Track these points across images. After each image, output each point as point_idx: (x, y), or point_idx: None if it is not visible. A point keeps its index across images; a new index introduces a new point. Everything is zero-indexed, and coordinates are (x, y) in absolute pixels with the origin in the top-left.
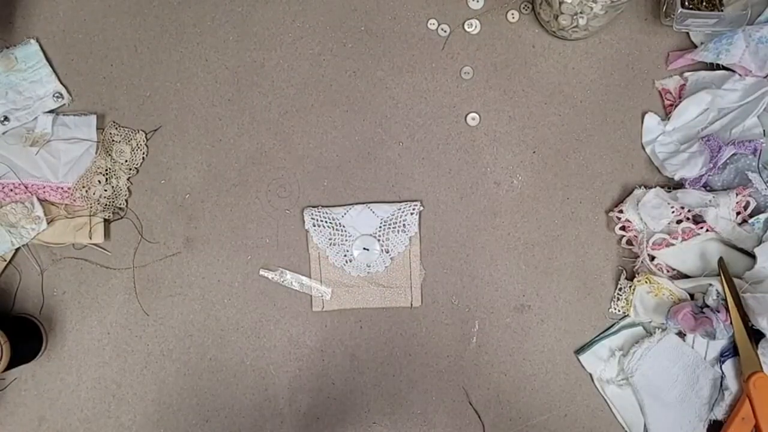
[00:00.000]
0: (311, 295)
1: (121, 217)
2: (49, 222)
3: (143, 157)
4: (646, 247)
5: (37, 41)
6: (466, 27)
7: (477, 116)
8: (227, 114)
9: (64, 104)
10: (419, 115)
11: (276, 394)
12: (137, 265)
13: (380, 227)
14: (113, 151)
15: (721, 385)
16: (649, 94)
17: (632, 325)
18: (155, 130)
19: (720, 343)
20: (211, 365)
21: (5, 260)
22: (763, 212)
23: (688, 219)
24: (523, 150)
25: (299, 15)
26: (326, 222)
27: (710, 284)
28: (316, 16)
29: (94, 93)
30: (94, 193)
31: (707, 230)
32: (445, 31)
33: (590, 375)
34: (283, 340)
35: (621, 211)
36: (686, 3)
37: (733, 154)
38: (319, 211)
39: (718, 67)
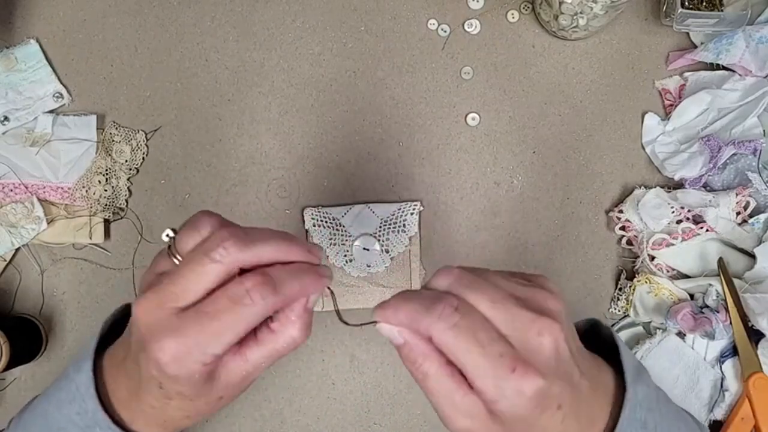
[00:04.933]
0: None
1: (121, 217)
2: (49, 222)
3: (143, 157)
4: (646, 247)
5: (37, 41)
6: (466, 27)
7: (477, 116)
8: (227, 114)
9: (64, 104)
10: (419, 115)
11: (276, 394)
12: (137, 266)
13: (380, 227)
14: (113, 151)
15: (722, 387)
16: (649, 94)
17: (632, 325)
18: (155, 130)
19: (720, 344)
20: None
21: (5, 260)
22: (763, 212)
23: (688, 219)
24: (523, 150)
25: (299, 15)
26: (326, 222)
27: (710, 284)
28: (316, 16)
29: (94, 93)
30: (94, 193)
31: (707, 230)
32: (445, 31)
33: None
34: None
35: (621, 211)
36: (686, 3)
37: (733, 154)
38: (319, 211)
39: (718, 67)
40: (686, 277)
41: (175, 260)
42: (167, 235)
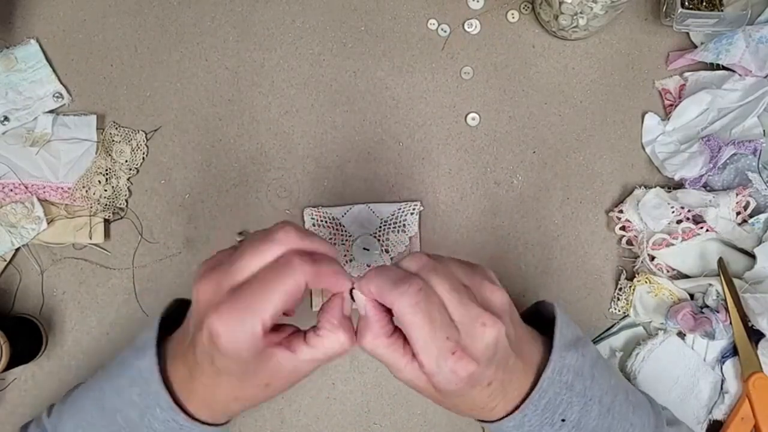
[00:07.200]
0: (311, 295)
1: (121, 217)
2: (49, 222)
3: (143, 157)
4: (646, 247)
5: (37, 41)
6: (466, 27)
7: (477, 116)
8: (227, 114)
9: (64, 104)
10: (419, 115)
11: None
12: (137, 265)
13: (380, 227)
14: (113, 151)
15: (722, 388)
16: (649, 94)
17: (632, 325)
18: (155, 130)
19: (720, 344)
20: None
21: (5, 260)
22: (763, 212)
23: (688, 219)
24: (523, 150)
25: (299, 15)
26: (326, 222)
27: (710, 284)
28: (316, 16)
29: (94, 93)
30: (94, 193)
31: (707, 230)
32: (445, 31)
33: None
34: None
35: (621, 211)
36: (686, 3)
37: (733, 154)
38: (319, 211)
39: (718, 67)
40: (686, 277)
41: None
42: (239, 233)
